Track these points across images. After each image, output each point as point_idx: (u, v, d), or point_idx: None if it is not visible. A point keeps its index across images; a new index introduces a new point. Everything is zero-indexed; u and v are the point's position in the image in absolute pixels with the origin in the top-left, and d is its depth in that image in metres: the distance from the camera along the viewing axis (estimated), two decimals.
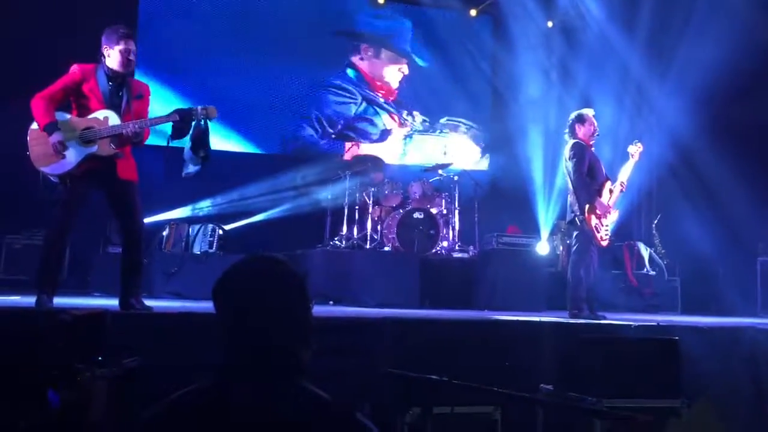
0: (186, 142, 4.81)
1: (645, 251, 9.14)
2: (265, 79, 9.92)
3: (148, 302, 4.84)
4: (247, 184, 9.32)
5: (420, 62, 10.76)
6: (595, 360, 3.97)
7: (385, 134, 10.63)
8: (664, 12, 9.40)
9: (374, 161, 9.33)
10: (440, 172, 9.07)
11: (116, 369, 2.40)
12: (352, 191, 8.67)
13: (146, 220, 8.24)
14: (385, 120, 10.68)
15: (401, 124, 10.68)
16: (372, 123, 10.57)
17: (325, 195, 8.99)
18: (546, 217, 9.48)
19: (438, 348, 4.26)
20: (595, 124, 6.31)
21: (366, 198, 8.60)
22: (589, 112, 6.39)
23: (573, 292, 6.09)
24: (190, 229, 7.69)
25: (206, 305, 2.48)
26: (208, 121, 4.68)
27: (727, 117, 8.91)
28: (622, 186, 6.25)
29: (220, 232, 7.80)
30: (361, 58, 10.63)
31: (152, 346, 3.72)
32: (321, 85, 10.31)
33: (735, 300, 8.61)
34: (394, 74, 10.75)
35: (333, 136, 10.32)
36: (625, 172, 6.32)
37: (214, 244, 7.65)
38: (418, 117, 10.62)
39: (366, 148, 10.45)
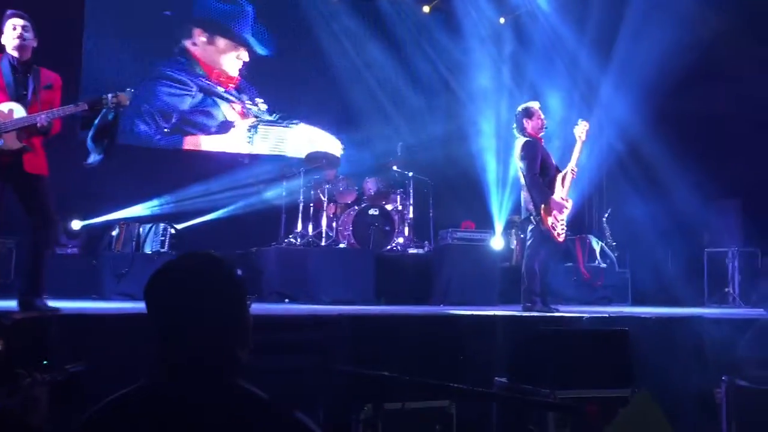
0: (91, 130, 4.65)
1: (596, 244, 9.30)
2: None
3: (98, 304, 4.72)
4: (201, 182, 9.19)
5: (260, 50, 10.24)
6: (548, 352, 4.02)
7: (226, 126, 9.97)
8: (611, 7, 9.57)
9: (329, 158, 9.29)
10: (395, 167, 9.08)
11: (59, 374, 2.32)
12: (307, 188, 8.62)
13: (95, 220, 8.17)
14: (225, 110, 9.99)
15: (244, 114, 10.14)
16: (210, 115, 9.88)
17: (280, 192, 8.90)
18: (500, 212, 9.56)
19: (394, 344, 4.25)
20: (542, 116, 6.32)
21: (321, 195, 8.56)
22: (535, 105, 6.39)
23: (527, 286, 6.14)
24: (141, 229, 7.53)
25: None
26: (119, 108, 4.53)
27: (672, 110, 9.11)
28: (573, 173, 6.23)
29: (172, 231, 7.66)
30: (194, 44, 9.87)
31: (99, 350, 3.63)
32: (151, 77, 9.50)
33: (683, 290, 8.83)
34: (232, 61, 10.07)
35: (166, 130, 9.57)
36: (574, 156, 6.28)
37: (166, 243, 7.51)
38: (262, 105, 10.16)
39: (208, 142, 9.88)
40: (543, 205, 6.04)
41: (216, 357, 1.50)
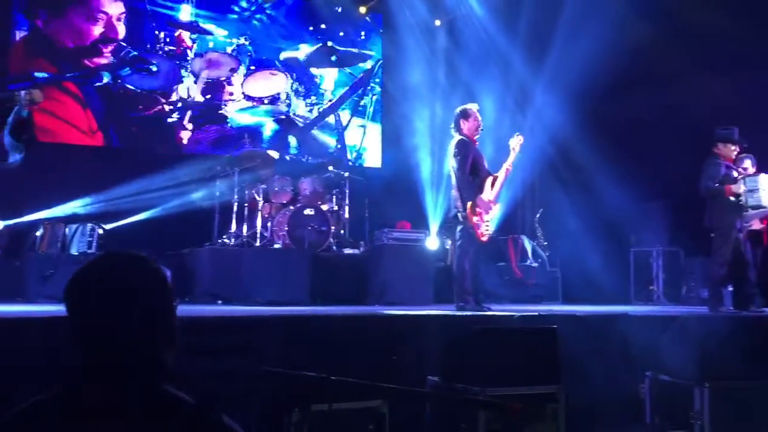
0: (6, 128, 4.48)
1: (528, 244, 9.50)
2: None
3: (23, 307, 4.55)
4: (131, 180, 8.94)
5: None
6: (479, 350, 4.08)
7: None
8: (543, 12, 9.79)
9: (264, 157, 9.20)
10: (330, 168, 9.07)
11: None
12: (241, 188, 8.51)
13: (18, 220, 7.87)
14: None
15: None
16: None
17: (213, 192, 8.75)
18: (435, 211, 9.65)
19: (327, 345, 4.24)
20: (480, 119, 6.42)
21: (256, 195, 8.46)
22: (473, 107, 6.49)
23: (459, 286, 6.22)
24: (67, 229, 7.29)
25: None
26: (32, 105, 4.38)
27: (603, 113, 9.40)
28: (506, 172, 6.33)
29: (100, 231, 7.45)
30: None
31: (22, 354, 3.50)
32: None
33: (610, 289, 9.11)
34: None
35: None
36: (507, 163, 6.39)
37: (93, 244, 7.29)
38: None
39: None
40: (470, 203, 6.12)
41: (140, 360, 1.46)
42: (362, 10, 11.02)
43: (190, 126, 10.05)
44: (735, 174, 6.87)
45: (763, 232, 7.33)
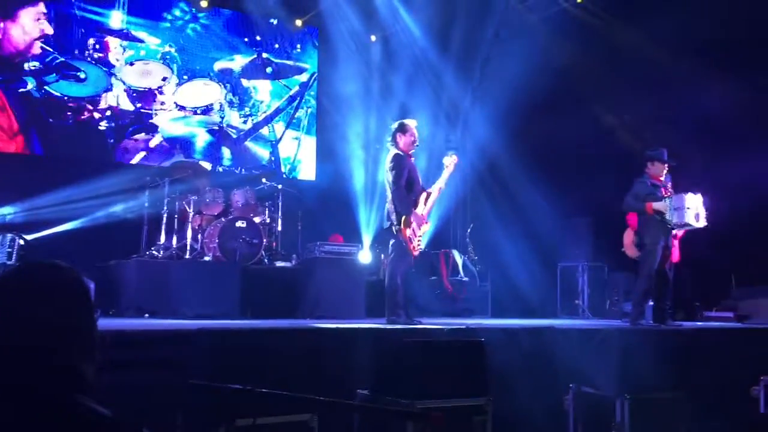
0: None
1: (459, 258, 9.64)
2: None
3: None
4: (56, 189, 8.66)
5: None
6: (408, 363, 4.11)
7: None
8: (474, 31, 10.03)
9: (195, 168, 9.06)
10: (264, 180, 9.00)
11: None
12: (172, 199, 8.35)
13: None
14: None
15: None
16: None
17: (142, 203, 8.55)
18: (368, 225, 9.70)
19: (257, 359, 4.19)
20: (416, 134, 6.50)
21: (186, 206, 8.31)
22: (411, 123, 6.55)
23: (390, 299, 6.25)
24: None
25: None
26: None
27: (529, 131, 9.67)
28: (439, 191, 6.44)
29: (21, 242, 7.18)
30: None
31: None
32: None
33: (538, 303, 9.33)
34: None
35: None
36: (440, 181, 6.52)
37: (14, 255, 7.02)
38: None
39: None
40: (404, 217, 6.19)
41: (56, 372, 1.42)
42: (298, 23, 11.03)
43: (119, 135, 9.81)
44: (662, 192, 7.11)
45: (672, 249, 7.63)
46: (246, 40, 10.88)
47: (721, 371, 5.68)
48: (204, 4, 10.38)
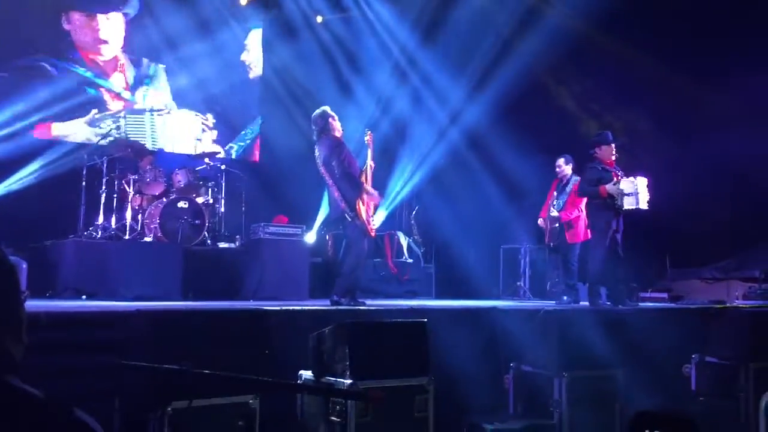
0: None
1: (404, 240, 9.68)
2: None
3: None
4: None
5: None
6: (351, 344, 4.11)
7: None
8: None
9: (135, 146, 8.82)
10: (206, 160, 8.85)
11: None
12: (110, 178, 8.13)
13: None
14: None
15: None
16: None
17: (79, 182, 8.28)
18: (311, 207, 9.60)
19: (196, 341, 4.13)
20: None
21: (126, 186, 8.11)
22: (328, 108, 6.52)
23: (342, 282, 6.21)
24: None
25: None
26: None
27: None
28: (371, 168, 6.44)
29: None
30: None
31: None
32: None
33: (481, 284, 9.46)
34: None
35: None
36: (369, 156, 6.49)
37: None
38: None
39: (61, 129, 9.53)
40: (359, 200, 6.16)
41: None
42: (243, 1, 10.84)
43: None
44: (613, 177, 7.25)
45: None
46: None
47: (655, 350, 5.88)
48: None
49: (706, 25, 8.76)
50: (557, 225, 8.03)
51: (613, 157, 7.42)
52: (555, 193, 8.14)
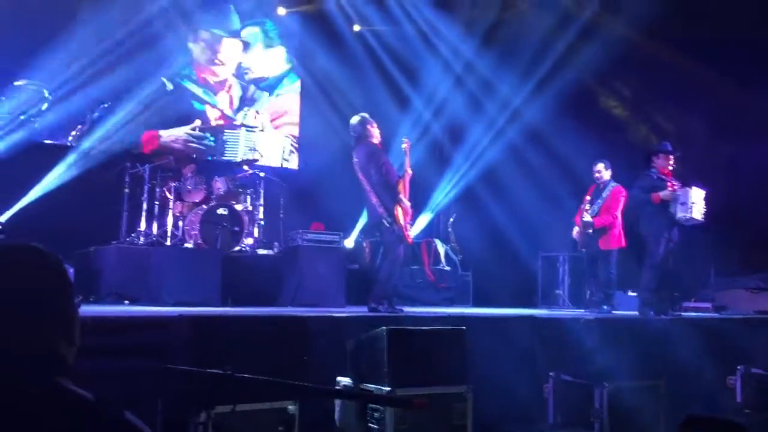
0: None
1: (441, 248, 9.65)
2: None
3: None
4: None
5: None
6: (390, 351, 4.11)
7: None
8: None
9: (177, 154, 8.97)
10: (246, 168, 8.94)
11: None
12: (152, 185, 8.27)
13: None
14: None
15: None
16: None
17: (122, 189, 8.44)
18: (350, 214, 9.63)
19: (236, 346, 4.18)
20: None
21: (167, 193, 8.25)
22: (366, 115, 6.55)
23: (379, 288, 6.22)
24: None
25: None
26: None
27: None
28: (408, 175, 6.43)
29: None
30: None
31: None
32: None
33: (519, 292, 9.37)
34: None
35: None
36: (407, 164, 6.47)
37: None
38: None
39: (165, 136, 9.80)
40: (397, 207, 6.18)
41: (36, 354, 1.40)
42: (281, 11, 10.94)
43: None
44: (669, 186, 7.15)
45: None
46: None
47: (699, 361, 5.76)
48: None
49: (756, 30, 8.59)
50: (590, 231, 7.88)
51: (670, 167, 7.32)
52: (589, 198, 8.01)
